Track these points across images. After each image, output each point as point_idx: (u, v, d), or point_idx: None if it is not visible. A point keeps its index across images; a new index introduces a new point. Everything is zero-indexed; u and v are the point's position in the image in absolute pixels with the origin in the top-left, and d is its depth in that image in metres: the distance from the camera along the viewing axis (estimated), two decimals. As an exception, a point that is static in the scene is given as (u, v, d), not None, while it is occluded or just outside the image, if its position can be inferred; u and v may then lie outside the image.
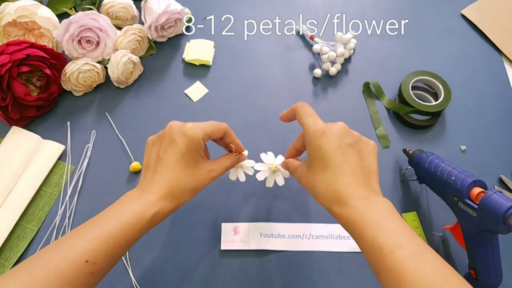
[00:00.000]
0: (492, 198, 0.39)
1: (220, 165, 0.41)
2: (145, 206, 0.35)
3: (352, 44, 0.62)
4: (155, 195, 0.36)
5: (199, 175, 0.38)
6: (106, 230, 0.33)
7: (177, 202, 0.37)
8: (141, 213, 0.34)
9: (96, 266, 0.31)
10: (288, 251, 0.49)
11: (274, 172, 0.48)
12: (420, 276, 0.27)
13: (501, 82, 0.63)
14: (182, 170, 0.37)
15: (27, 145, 0.54)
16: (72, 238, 0.32)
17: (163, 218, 0.36)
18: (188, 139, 0.37)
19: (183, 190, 0.37)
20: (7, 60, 0.49)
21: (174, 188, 0.36)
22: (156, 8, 0.59)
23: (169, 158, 0.37)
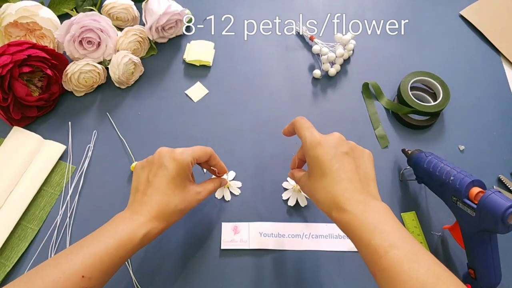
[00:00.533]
0: (491, 198, 0.39)
1: (205, 188, 0.44)
2: (136, 226, 0.36)
3: (351, 45, 0.62)
4: (145, 216, 0.37)
5: (188, 197, 0.40)
6: (101, 248, 0.34)
7: (166, 223, 0.39)
8: (133, 233, 0.36)
9: (91, 281, 0.33)
10: (288, 250, 0.49)
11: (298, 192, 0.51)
12: (413, 276, 0.28)
13: (499, 83, 0.63)
14: (172, 192, 0.39)
15: (28, 145, 0.54)
16: (69, 254, 0.34)
17: (153, 237, 0.38)
18: (178, 164, 0.39)
19: (173, 211, 0.39)
20: (9, 60, 0.49)
21: (164, 210, 0.38)
22: (156, 9, 0.59)
23: (159, 181, 0.39)
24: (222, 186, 0.48)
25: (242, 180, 0.53)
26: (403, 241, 0.31)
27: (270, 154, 0.55)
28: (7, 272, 0.46)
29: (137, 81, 0.61)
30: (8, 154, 0.53)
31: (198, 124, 0.58)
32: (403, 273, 0.29)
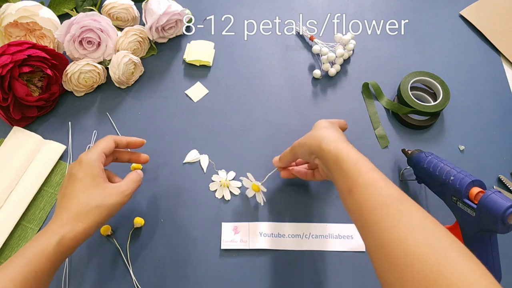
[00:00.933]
0: (491, 198, 0.39)
1: (126, 181, 0.43)
2: (46, 236, 0.36)
3: (351, 45, 0.62)
4: (56, 224, 0.37)
5: (103, 193, 0.40)
6: (12, 268, 0.34)
7: (83, 223, 0.37)
8: (42, 244, 0.36)
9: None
10: (288, 250, 0.49)
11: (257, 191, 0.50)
12: (385, 189, 0.35)
13: (499, 83, 0.63)
14: (82, 193, 0.39)
15: (29, 145, 0.54)
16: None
17: (74, 241, 0.37)
18: (83, 165, 0.40)
19: (87, 211, 0.38)
20: (9, 60, 0.49)
21: (76, 211, 0.38)
22: (156, 9, 0.59)
23: (70, 189, 0.39)
24: (141, 176, 0.45)
25: (242, 180, 0.53)
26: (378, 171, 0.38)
27: (270, 154, 0.55)
28: (7, 272, 0.46)
29: (137, 81, 0.61)
30: (8, 154, 0.53)
31: (198, 124, 0.58)
32: (379, 188, 0.35)
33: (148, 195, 0.52)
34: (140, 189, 0.52)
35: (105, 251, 0.48)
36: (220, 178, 0.53)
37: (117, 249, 0.48)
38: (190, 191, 0.52)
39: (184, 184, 0.53)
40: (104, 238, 0.49)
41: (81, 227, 0.37)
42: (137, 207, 0.51)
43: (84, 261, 0.48)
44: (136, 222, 0.49)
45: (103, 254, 0.48)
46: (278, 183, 0.53)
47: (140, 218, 0.49)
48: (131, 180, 0.43)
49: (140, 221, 0.49)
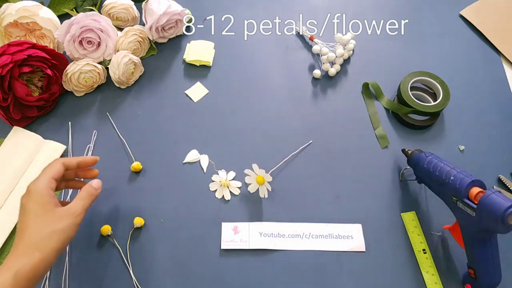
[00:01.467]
0: (491, 198, 0.39)
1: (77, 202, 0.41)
2: (1, 273, 0.35)
3: (351, 45, 0.62)
4: (12, 258, 0.36)
5: (53, 218, 0.38)
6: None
7: (40, 252, 0.36)
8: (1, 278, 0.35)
9: None
10: (288, 250, 0.49)
11: (261, 184, 0.50)
12: None
13: (499, 83, 0.63)
14: (33, 222, 0.38)
15: (29, 145, 0.54)
16: None
17: (34, 272, 0.36)
18: (32, 194, 0.39)
19: (41, 238, 0.37)
20: (9, 60, 0.49)
21: (29, 241, 0.37)
22: (156, 9, 0.59)
23: (21, 221, 0.38)
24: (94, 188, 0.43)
25: (242, 180, 0.53)
26: None
27: (270, 154, 0.55)
28: (7, 272, 0.46)
29: (137, 81, 0.61)
30: (8, 154, 0.53)
31: (198, 124, 0.58)
32: None
33: (148, 195, 0.52)
34: (140, 189, 0.52)
35: (105, 251, 0.48)
36: (220, 178, 0.53)
37: (117, 249, 0.48)
38: (190, 191, 0.52)
39: (184, 184, 0.53)
40: (104, 238, 0.49)
41: (38, 256, 0.36)
42: (137, 207, 0.51)
43: (84, 261, 0.48)
44: (136, 222, 0.49)
45: (103, 254, 0.48)
46: (278, 183, 0.53)
47: (140, 218, 0.49)
48: (81, 198, 0.41)
49: (140, 221, 0.49)
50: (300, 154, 0.56)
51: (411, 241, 0.50)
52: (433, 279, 0.47)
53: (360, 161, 0.55)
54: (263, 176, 0.50)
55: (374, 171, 0.55)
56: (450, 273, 0.48)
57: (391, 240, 0.50)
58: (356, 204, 0.52)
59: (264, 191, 0.50)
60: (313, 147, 0.56)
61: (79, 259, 0.48)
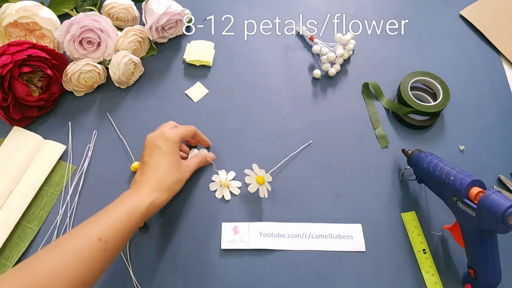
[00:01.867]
0: (491, 198, 0.39)
1: (192, 161, 0.50)
2: (141, 197, 0.41)
3: (351, 45, 0.62)
4: (147, 189, 0.42)
5: (181, 169, 0.46)
6: (112, 217, 0.39)
7: (168, 193, 0.44)
8: (139, 203, 0.41)
9: (108, 244, 0.37)
10: (288, 250, 0.49)
11: (261, 184, 0.50)
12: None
13: (499, 83, 0.63)
14: (167, 166, 0.45)
15: (29, 145, 0.54)
16: (83, 226, 0.38)
17: (159, 206, 0.43)
18: (168, 142, 0.45)
19: (172, 183, 0.44)
20: (9, 60, 0.49)
21: (163, 181, 0.44)
22: (156, 9, 0.59)
23: (155, 160, 0.44)
24: (208, 159, 0.53)
25: (242, 180, 0.53)
26: None
27: (270, 154, 0.55)
28: (7, 272, 0.46)
29: (137, 81, 0.61)
30: (8, 154, 0.53)
31: (198, 124, 0.58)
32: None
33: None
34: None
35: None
36: (220, 178, 0.53)
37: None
38: (190, 191, 0.52)
39: (184, 184, 0.53)
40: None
41: (167, 196, 0.44)
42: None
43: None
44: None
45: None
46: (278, 183, 0.53)
47: None
48: (195, 161, 0.50)
49: None
50: (300, 154, 0.56)
51: (411, 241, 0.50)
52: (433, 279, 0.47)
53: (360, 161, 0.55)
54: (263, 176, 0.50)
55: (374, 171, 0.55)
56: (450, 273, 0.48)
57: (391, 240, 0.50)
58: (356, 204, 0.52)
59: (264, 191, 0.50)
60: (313, 147, 0.56)
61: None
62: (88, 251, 0.36)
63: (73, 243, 0.36)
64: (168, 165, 0.45)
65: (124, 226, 0.39)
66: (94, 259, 0.36)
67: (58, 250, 0.35)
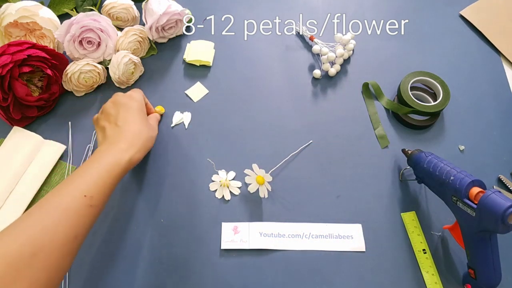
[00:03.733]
0: (491, 198, 0.39)
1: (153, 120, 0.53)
2: (120, 153, 0.42)
3: (351, 45, 0.62)
4: (125, 144, 0.43)
5: (151, 126, 0.48)
6: (94, 174, 0.40)
7: (144, 150, 0.45)
8: (118, 159, 0.42)
9: (93, 200, 0.38)
10: (288, 250, 0.49)
11: (261, 184, 0.50)
12: None
13: (499, 83, 0.63)
14: (140, 123, 0.46)
15: (28, 145, 0.54)
16: (65, 183, 0.39)
17: (135, 163, 0.44)
18: (137, 100, 0.47)
19: (146, 139, 0.45)
20: (9, 60, 0.49)
21: (138, 137, 0.45)
22: (156, 9, 0.59)
23: (126, 115, 0.45)
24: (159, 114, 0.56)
25: (242, 180, 0.53)
26: None
27: (270, 154, 0.55)
28: (7, 272, 0.46)
29: (137, 81, 0.61)
30: (8, 154, 0.53)
31: (198, 124, 0.58)
32: None
33: (149, 195, 0.52)
34: (141, 190, 0.52)
35: (105, 251, 0.48)
36: (220, 178, 0.53)
37: (117, 249, 0.48)
38: (190, 191, 0.52)
39: (184, 184, 0.53)
40: (104, 238, 0.49)
41: (143, 152, 0.45)
42: (137, 207, 0.51)
43: (85, 261, 0.47)
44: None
45: (103, 254, 0.48)
46: (278, 183, 0.53)
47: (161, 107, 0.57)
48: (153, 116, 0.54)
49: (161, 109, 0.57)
50: (300, 154, 0.56)
51: (411, 241, 0.50)
52: (433, 279, 0.47)
53: (360, 161, 0.55)
54: (263, 176, 0.50)
55: (374, 171, 0.55)
56: (450, 273, 0.48)
57: (391, 240, 0.50)
58: (356, 204, 0.52)
59: (264, 191, 0.50)
60: (313, 147, 0.56)
61: (79, 259, 0.48)
62: (76, 207, 0.37)
63: (60, 199, 0.37)
64: (140, 122, 0.46)
65: (106, 181, 0.40)
66: (82, 214, 0.37)
67: (47, 207, 0.36)
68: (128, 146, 0.43)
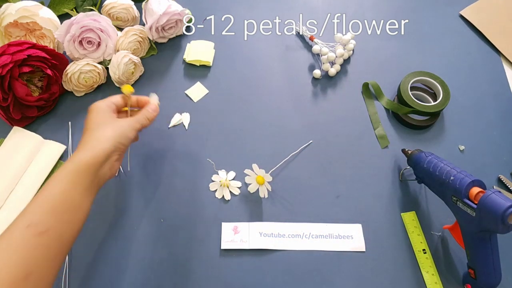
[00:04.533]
0: (491, 198, 0.39)
1: (138, 115, 0.46)
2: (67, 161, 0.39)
3: (351, 45, 0.62)
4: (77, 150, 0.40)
5: (114, 126, 0.43)
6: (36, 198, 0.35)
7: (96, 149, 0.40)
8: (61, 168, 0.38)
9: (40, 226, 0.33)
10: (288, 250, 0.49)
11: (261, 184, 0.50)
12: None
13: (499, 83, 0.63)
14: (96, 126, 0.42)
15: (28, 145, 0.54)
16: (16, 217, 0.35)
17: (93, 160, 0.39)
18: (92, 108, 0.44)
19: (100, 139, 0.41)
20: (9, 60, 0.49)
21: (89, 139, 0.41)
22: (157, 9, 0.59)
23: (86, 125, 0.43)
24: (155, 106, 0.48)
25: (242, 180, 0.53)
26: None
27: (270, 154, 0.55)
28: (7, 272, 0.46)
29: (137, 81, 0.61)
30: (8, 154, 0.53)
31: (198, 124, 0.58)
32: None
33: (149, 195, 0.52)
34: (141, 190, 0.52)
35: (105, 251, 0.48)
36: (220, 178, 0.53)
37: (117, 249, 0.48)
38: (190, 191, 0.52)
39: (185, 184, 0.53)
40: (104, 238, 0.49)
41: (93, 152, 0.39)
42: (137, 207, 0.51)
43: (84, 261, 0.48)
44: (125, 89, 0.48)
45: (103, 254, 0.48)
46: (278, 183, 0.53)
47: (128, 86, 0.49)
48: (141, 114, 0.46)
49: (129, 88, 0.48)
50: (300, 154, 0.56)
51: (411, 241, 0.50)
52: (433, 279, 0.47)
53: (360, 161, 0.55)
54: (263, 176, 0.50)
55: (374, 171, 0.55)
56: (450, 273, 0.48)
57: (391, 240, 0.50)
58: (356, 204, 0.52)
59: (264, 191, 0.50)
60: (313, 147, 0.56)
61: (79, 259, 0.48)
62: (20, 241, 0.32)
63: (6, 235, 0.33)
64: (98, 125, 0.42)
65: (50, 199, 0.35)
66: (30, 247, 0.32)
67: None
68: (77, 150, 0.40)
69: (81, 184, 0.38)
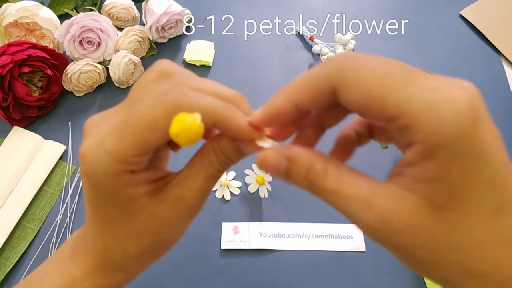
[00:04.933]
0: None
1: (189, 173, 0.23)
2: (66, 284, 0.22)
3: (351, 45, 0.62)
4: (79, 269, 0.23)
5: (143, 226, 0.22)
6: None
7: (120, 276, 0.24)
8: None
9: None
10: (288, 250, 0.49)
11: (261, 184, 0.50)
12: None
13: (500, 83, 0.63)
14: (103, 228, 0.22)
15: (28, 145, 0.54)
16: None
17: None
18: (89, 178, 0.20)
19: (124, 258, 0.22)
20: (9, 60, 0.49)
21: (107, 256, 0.22)
22: (157, 9, 0.59)
23: (86, 211, 0.23)
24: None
25: (242, 180, 0.53)
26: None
27: (270, 154, 0.55)
28: (7, 272, 0.46)
29: (137, 81, 0.61)
30: (8, 154, 0.53)
31: (198, 124, 0.58)
32: None
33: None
34: (140, 189, 0.52)
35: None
36: (220, 178, 0.53)
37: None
38: (190, 191, 0.52)
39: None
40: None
41: (115, 280, 0.24)
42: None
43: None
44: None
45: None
46: (278, 183, 0.53)
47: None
48: (195, 174, 0.23)
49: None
50: (300, 154, 0.56)
51: (411, 241, 0.50)
52: (433, 279, 0.47)
53: (360, 161, 0.55)
54: (263, 176, 0.50)
55: (374, 171, 0.54)
56: (450, 273, 0.48)
57: (391, 240, 0.50)
58: (356, 204, 0.52)
59: (264, 191, 0.50)
60: (313, 147, 0.56)
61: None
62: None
63: None
64: (111, 226, 0.21)
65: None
66: None
67: None
68: (84, 274, 0.23)
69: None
